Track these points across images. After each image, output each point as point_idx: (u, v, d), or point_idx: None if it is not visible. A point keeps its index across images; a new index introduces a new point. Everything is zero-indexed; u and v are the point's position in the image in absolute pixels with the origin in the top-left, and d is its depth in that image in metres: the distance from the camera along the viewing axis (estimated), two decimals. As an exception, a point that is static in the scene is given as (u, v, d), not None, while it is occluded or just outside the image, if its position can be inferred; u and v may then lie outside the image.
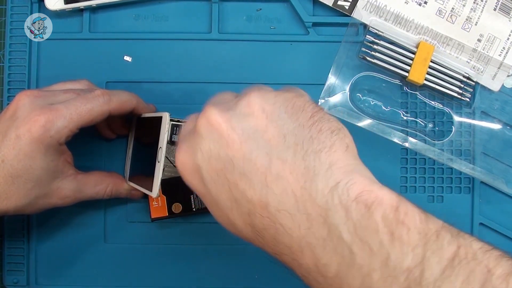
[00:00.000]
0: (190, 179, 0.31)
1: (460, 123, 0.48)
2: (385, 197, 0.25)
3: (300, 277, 0.27)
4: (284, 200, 0.26)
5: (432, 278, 0.22)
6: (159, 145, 0.40)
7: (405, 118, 0.48)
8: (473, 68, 0.47)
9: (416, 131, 0.47)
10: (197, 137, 0.30)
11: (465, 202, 0.49)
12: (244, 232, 0.29)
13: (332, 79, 0.46)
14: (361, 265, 0.24)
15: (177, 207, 0.47)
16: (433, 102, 0.48)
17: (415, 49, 0.46)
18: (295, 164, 0.27)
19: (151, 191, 0.40)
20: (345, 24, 0.48)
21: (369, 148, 0.48)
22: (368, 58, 0.46)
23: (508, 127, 0.46)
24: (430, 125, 0.47)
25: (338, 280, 0.25)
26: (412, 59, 0.46)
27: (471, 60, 0.47)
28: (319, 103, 0.45)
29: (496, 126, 0.47)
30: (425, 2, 0.47)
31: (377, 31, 0.46)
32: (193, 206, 0.47)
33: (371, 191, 0.25)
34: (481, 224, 0.48)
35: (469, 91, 0.47)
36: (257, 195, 0.27)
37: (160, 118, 0.41)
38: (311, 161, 0.26)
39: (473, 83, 0.47)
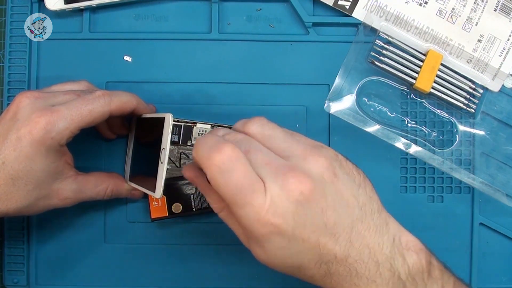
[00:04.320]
0: (278, 215, 0.32)
1: (464, 133, 0.48)
2: (419, 243, 0.34)
3: None
4: (361, 253, 0.33)
5: None
6: (162, 146, 0.40)
7: (409, 125, 0.48)
8: (474, 67, 0.47)
9: (420, 138, 0.47)
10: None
11: (465, 202, 0.49)
12: (312, 275, 0.34)
13: (339, 81, 0.45)
14: None
15: (177, 207, 0.47)
16: (438, 111, 0.48)
17: (423, 57, 0.46)
18: (369, 224, 0.33)
19: (153, 191, 0.40)
20: (345, 24, 0.48)
21: (370, 148, 0.48)
22: (376, 63, 0.46)
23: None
24: (434, 134, 0.47)
25: None
26: (420, 66, 0.46)
27: (471, 60, 0.47)
28: (326, 104, 0.45)
29: (499, 138, 0.47)
30: (426, 2, 0.47)
31: (387, 37, 0.46)
32: (193, 206, 0.47)
33: (413, 240, 0.34)
34: (481, 224, 0.48)
35: (475, 103, 0.47)
36: (341, 251, 0.32)
37: (162, 119, 0.40)
38: (376, 220, 0.34)
39: (480, 94, 0.47)
